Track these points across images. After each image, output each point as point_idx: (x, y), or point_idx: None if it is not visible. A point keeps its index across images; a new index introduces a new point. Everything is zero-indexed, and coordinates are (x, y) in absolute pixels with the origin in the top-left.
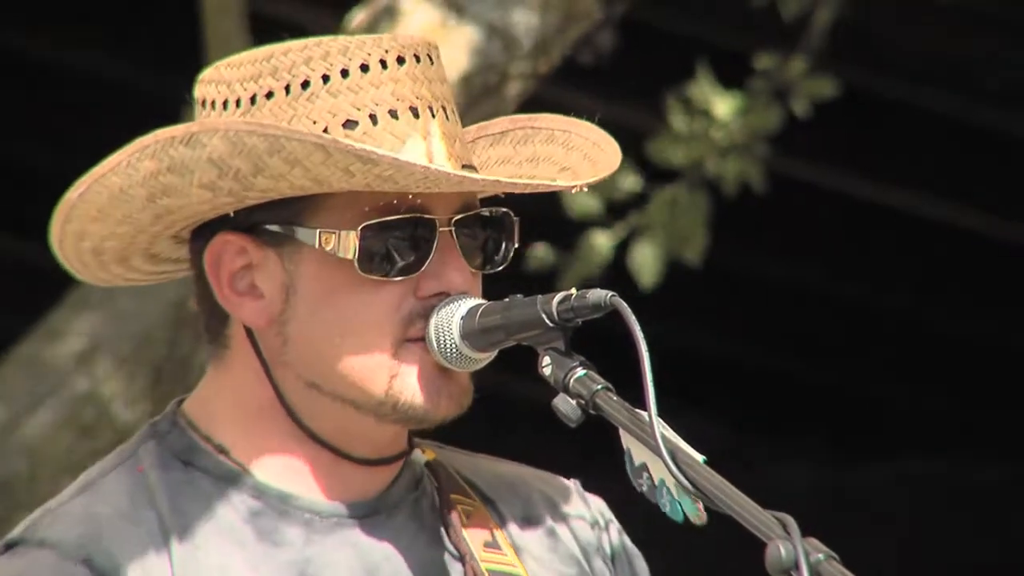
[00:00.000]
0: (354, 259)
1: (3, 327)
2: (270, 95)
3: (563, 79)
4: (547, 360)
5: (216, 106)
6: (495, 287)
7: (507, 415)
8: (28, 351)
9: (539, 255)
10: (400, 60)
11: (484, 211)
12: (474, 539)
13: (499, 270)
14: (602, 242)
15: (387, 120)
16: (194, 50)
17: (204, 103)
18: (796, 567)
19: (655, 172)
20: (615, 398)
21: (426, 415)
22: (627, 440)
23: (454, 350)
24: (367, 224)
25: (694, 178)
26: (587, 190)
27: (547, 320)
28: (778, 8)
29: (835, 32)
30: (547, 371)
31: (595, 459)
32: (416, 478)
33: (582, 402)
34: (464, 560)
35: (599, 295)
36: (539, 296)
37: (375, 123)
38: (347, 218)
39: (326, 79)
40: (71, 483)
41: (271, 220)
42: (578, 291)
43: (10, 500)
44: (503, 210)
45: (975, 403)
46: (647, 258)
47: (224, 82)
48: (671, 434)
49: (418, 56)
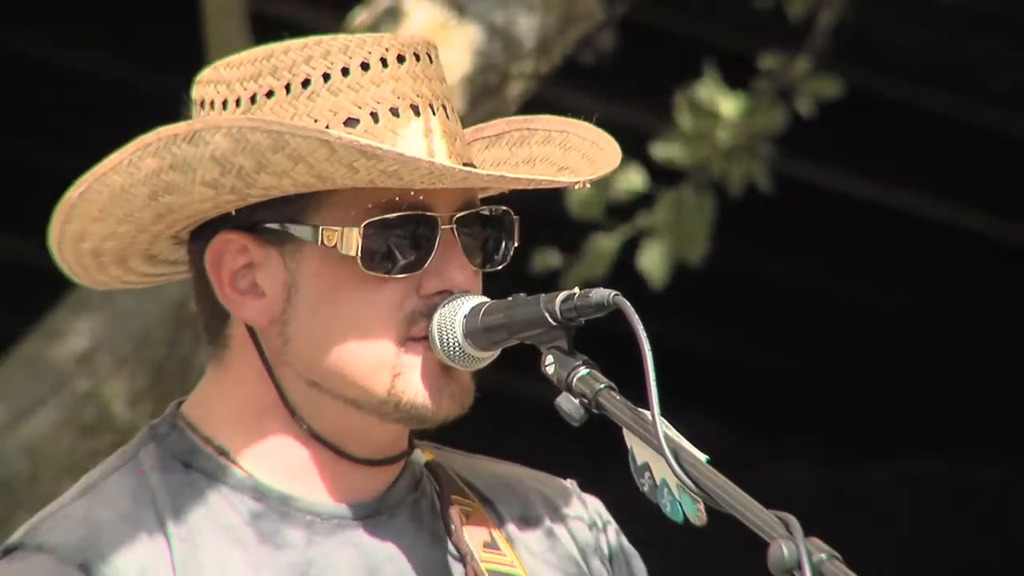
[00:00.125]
0: (357, 256)
1: (3, 327)
2: (270, 94)
3: (564, 79)
4: (550, 359)
5: (216, 106)
6: (499, 286)
7: (510, 414)
8: (28, 351)
9: (544, 258)
10: (400, 58)
11: (484, 209)
12: (474, 539)
13: (499, 269)
14: (607, 245)
15: (388, 118)
16: (194, 50)
17: (203, 103)
18: (799, 567)
19: (657, 172)
20: (618, 397)
21: (428, 414)
22: (630, 440)
23: (457, 348)
24: (370, 221)
25: (700, 179)
26: (589, 188)
27: (550, 319)
28: (784, 9)
29: (836, 33)
30: (550, 370)
31: (598, 459)
32: (416, 479)
33: (585, 401)
34: (465, 560)
35: (602, 294)
36: (542, 295)
37: (376, 121)
38: (350, 215)
39: (327, 77)
40: (72, 483)
41: (272, 218)
42: (581, 290)
43: (11, 500)
44: (503, 208)
45: (975, 403)
46: (656, 259)
47: (223, 82)
48: (674, 433)
49: (418, 55)
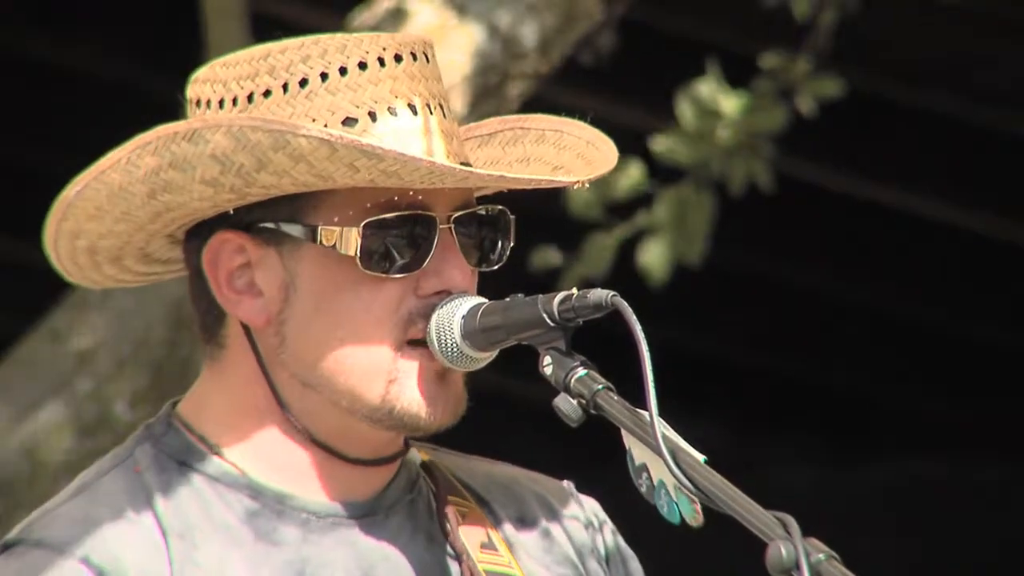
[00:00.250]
0: (356, 256)
1: (3, 327)
2: (267, 93)
3: (564, 79)
4: (548, 360)
5: (212, 105)
6: (497, 286)
7: (509, 415)
8: (28, 351)
9: (543, 257)
10: (397, 58)
11: (481, 209)
12: (470, 540)
13: (495, 268)
14: (607, 243)
15: (386, 117)
16: (194, 50)
17: (198, 102)
18: (797, 567)
19: (658, 171)
20: (616, 398)
21: (421, 423)
22: (628, 440)
23: (455, 349)
24: (369, 221)
25: (701, 178)
26: (590, 187)
27: (548, 320)
28: (791, 9)
29: (836, 32)
30: (548, 371)
31: (596, 459)
32: (412, 479)
33: (583, 402)
34: (461, 560)
35: (600, 295)
36: (540, 296)
37: (374, 120)
38: (348, 215)
39: (324, 77)
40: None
41: (270, 218)
42: (579, 291)
43: (10, 500)
44: (500, 208)
45: (975, 403)
46: (657, 258)
47: (220, 81)
48: (672, 434)
49: (415, 54)
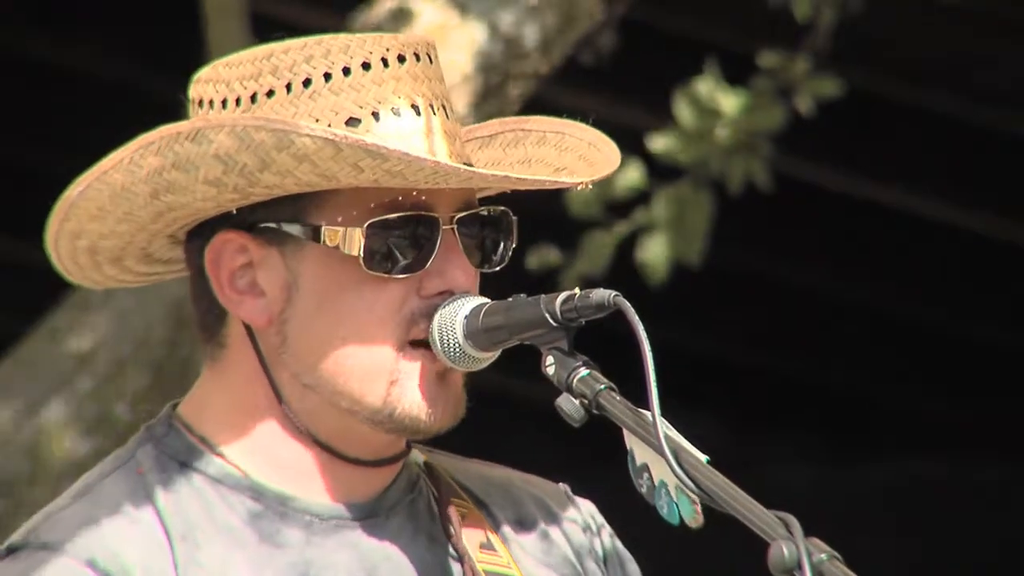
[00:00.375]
0: (359, 256)
1: (3, 327)
2: (271, 93)
3: (564, 79)
4: (550, 360)
5: (215, 105)
6: (497, 285)
7: (510, 415)
8: (29, 351)
9: (542, 256)
10: (401, 58)
11: (483, 210)
12: (470, 541)
13: (497, 269)
14: (605, 242)
15: (390, 117)
16: (194, 50)
17: (201, 102)
18: (799, 567)
19: (657, 169)
20: (618, 398)
21: (422, 426)
22: (630, 440)
23: (457, 349)
24: (373, 221)
25: (699, 177)
26: (590, 187)
27: (550, 320)
28: (791, 9)
29: (835, 32)
30: (550, 371)
31: (603, 459)
32: (413, 480)
33: (585, 402)
34: (462, 561)
35: (602, 295)
36: (542, 296)
37: (378, 120)
38: (352, 215)
39: (328, 77)
40: (73, 483)
41: (273, 218)
42: (581, 291)
43: (12, 500)
44: (502, 208)
45: (975, 403)
46: (656, 256)
47: (222, 81)
48: (674, 434)
49: (418, 55)
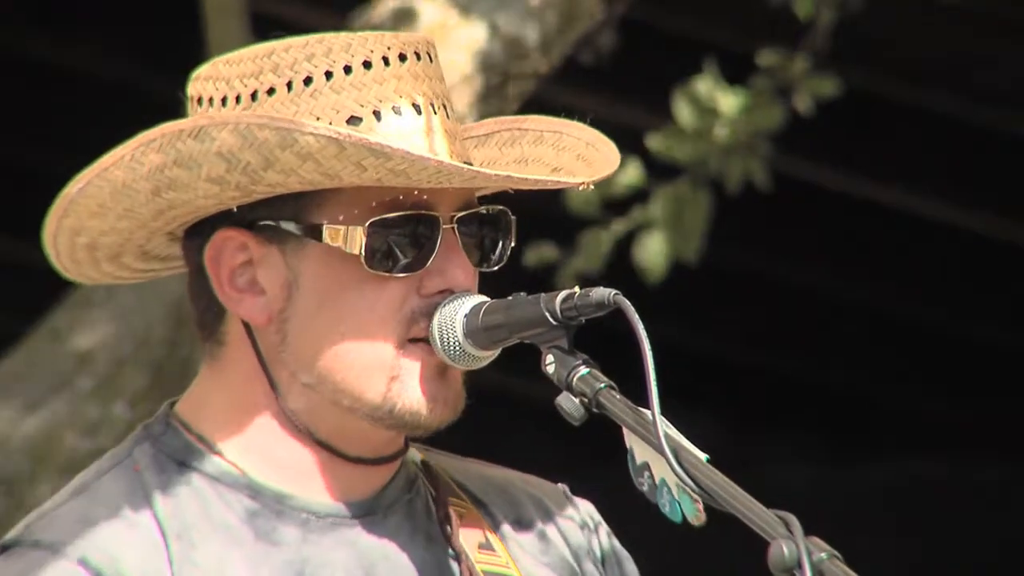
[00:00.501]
0: (361, 255)
1: (3, 327)
2: (272, 91)
3: (564, 79)
4: (550, 358)
5: (215, 103)
6: (496, 284)
7: (510, 413)
8: (29, 351)
9: (539, 253)
10: (402, 57)
11: (483, 209)
12: (468, 540)
13: (495, 269)
14: (603, 238)
15: (391, 116)
16: (194, 50)
17: (200, 100)
18: (799, 566)
19: (655, 168)
20: (618, 396)
21: (422, 421)
22: (630, 439)
23: (458, 348)
24: (374, 220)
25: (698, 176)
26: (590, 188)
27: (550, 318)
28: (792, 8)
29: (835, 31)
30: (550, 369)
31: (603, 458)
32: (411, 479)
33: (585, 400)
34: (460, 560)
35: (602, 294)
36: (542, 294)
37: (379, 119)
38: (353, 214)
39: (329, 75)
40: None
41: (274, 216)
42: (581, 289)
43: (12, 500)
44: (501, 208)
45: (975, 403)
46: (654, 256)
47: (222, 78)
48: (674, 432)
49: (418, 53)
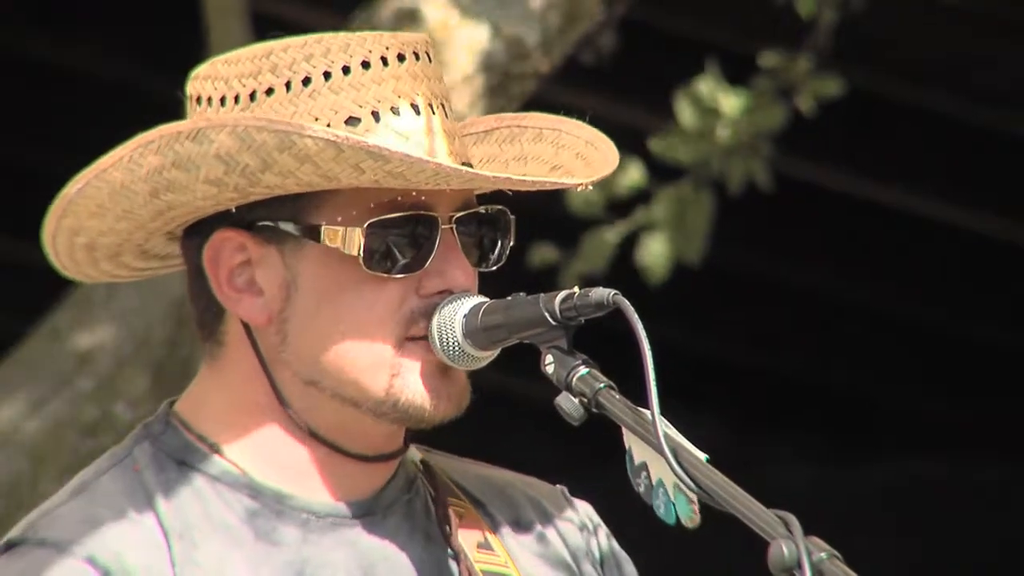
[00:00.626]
0: (359, 256)
1: (3, 327)
2: (270, 91)
3: (564, 79)
4: (550, 358)
5: (213, 102)
6: (496, 285)
7: (510, 413)
8: (29, 351)
9: (541, 254)
10: (400, 57)
11: (482, 209)
12: (467, 540)
13: (494, 269)
14: (605, 240)
15: (389, 117)
16: (194, 50)
17: (199, 99)
18: (799, 566)
19: (657, 169)
20: (618, 396)
21: (426, 415)
22: (629, 439)
23: (457, 348)
24: (373, 221)
25: (700, 177)
26: (590, 188)
27: (550, 319)
28: (794, 8)
29: (837, 32)
30: (550, 369)
31: (602, 458)
32: (410, 479)
33: (585, 400)
34: (459, 560)
35: (602, 294)
36: (542, 295)
37: (377, 120)
38: (351, 215)
39: (327, 76)
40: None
41: (272, 217)
42: (581, 290)
43: (12, 500)
44: (499, 208)
45: (975, 403)
46: (656, 256)
47: (221, 78)
48: (674, 432)
49: (417, 53)
